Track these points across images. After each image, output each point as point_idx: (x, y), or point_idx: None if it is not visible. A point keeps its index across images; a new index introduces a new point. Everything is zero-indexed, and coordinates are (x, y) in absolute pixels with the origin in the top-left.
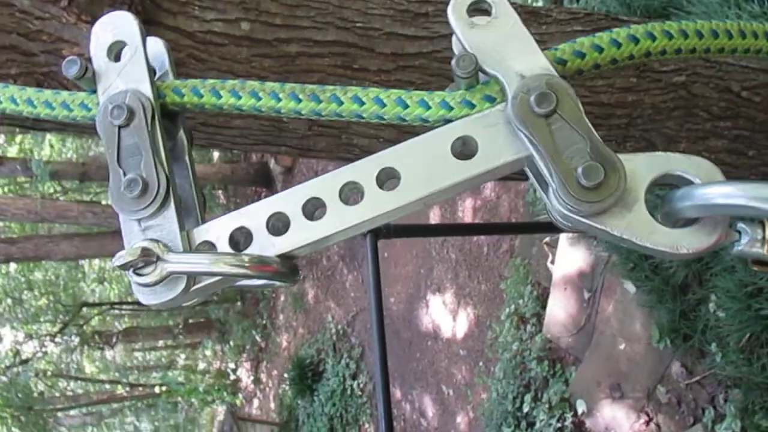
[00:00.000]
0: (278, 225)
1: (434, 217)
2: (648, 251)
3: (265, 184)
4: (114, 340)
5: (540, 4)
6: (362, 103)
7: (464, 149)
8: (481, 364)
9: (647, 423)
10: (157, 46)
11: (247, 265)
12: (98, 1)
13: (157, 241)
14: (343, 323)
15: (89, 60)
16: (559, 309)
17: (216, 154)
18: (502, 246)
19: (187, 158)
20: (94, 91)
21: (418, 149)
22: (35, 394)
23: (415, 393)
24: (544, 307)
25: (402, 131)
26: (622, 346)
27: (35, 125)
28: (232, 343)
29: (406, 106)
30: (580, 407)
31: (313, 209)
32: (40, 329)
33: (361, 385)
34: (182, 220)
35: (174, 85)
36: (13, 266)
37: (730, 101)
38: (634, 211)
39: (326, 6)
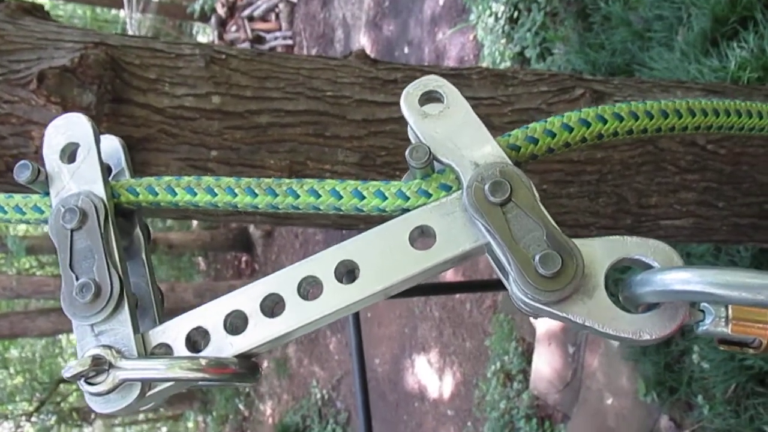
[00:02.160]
0: (236, 323)
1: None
2: (610, 338)
3: (244, 249)
4: (92, 416)
5: (508, 64)
6: (318, 196)
7: (422, 238)
8: (469, 424)
9: None
10: (113, 143)
11: (203, 368)
12: (67, 83)
13: (110, 347)
14: (328, 387)
15: (42, 163)
16: (545, 365)
17: (195, 222)
18: (485, 302)
19: (143, 255)
20: (48, 194)
21: (376, 240)
22: None
23: None
24: (529, 362)
25: None
26: (609, 401)
27: None
28: (214, 413)
29: (363, 198)
30: None
31: (272, 305)
32: (15, 409)
33: None
34: (137, 322)
35: (129, 184)
36: None
37: (696, 154)
38: (595, 297)
39: (296, 77)
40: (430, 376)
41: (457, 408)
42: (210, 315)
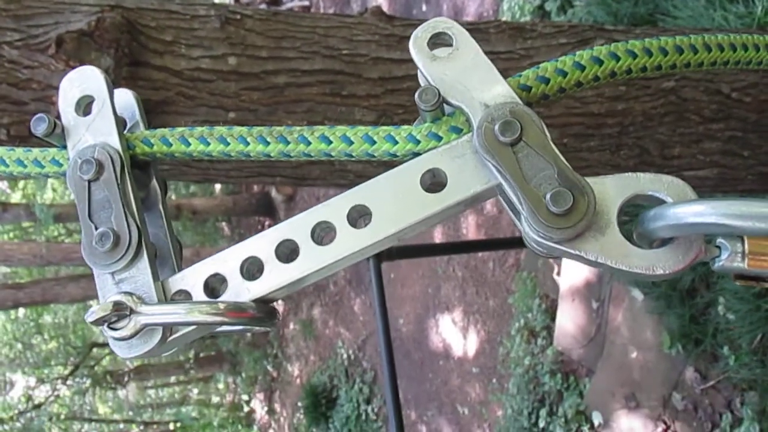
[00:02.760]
0: (252, 269)
1: (438, 236)
2: (624, 274)
3: (267, 213)
4: (126, 379)
5: (527, 18)
6: (329, 142)
7: (434, 182)
8: (494, 381)
9: (665, 431)
10: (126, 97)
11: (222, 312)
12: (85, 47)
13: (130, 293)
14: (354, 348)
15: (58, 116)
16: (569, 321)
17: (218, 187)
18: (507, 260)
19: (161, 207)
20: (65, 147)
21: (388, 185)
22: None
23: (430, 414)
24: (553, 319)
25: None
26: (634, 355)
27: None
28: (244, 374)
29: (373, 142)
30: (596, 419)
31: (287, 251)
32: (51, 373)
33: (376, 410)
34: (156, 270)
35: (143, 136)
36: (21, 311)
37: (721, 103)
38: (607, 234)
39: (311, 36)
40: (454, 334)
41: (481, 365)
42: (227, 262)
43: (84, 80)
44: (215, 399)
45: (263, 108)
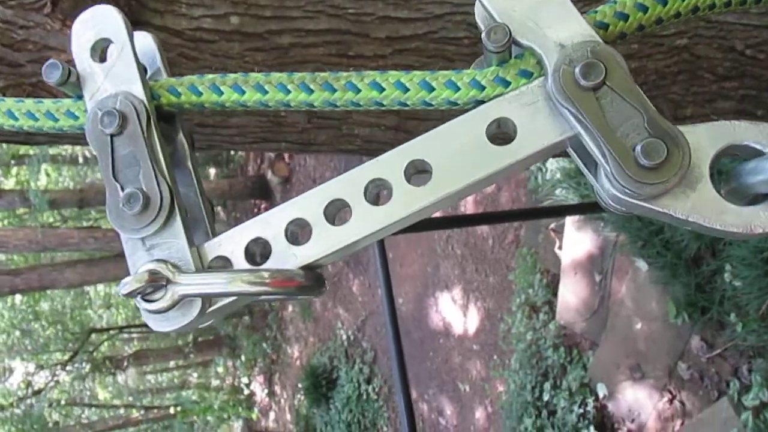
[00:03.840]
0: (299, 232)
1: (435, 213)
2: (717, 233)
3: (263, 196)
4: (125, 364)
5: None
6: (382, 89)
7: (500, 133)
8: (495, 357)
9: (671, 401)
10: (146, 41)
11: (267, 281)
12: (82, 4)
13: (165, 261)
14: (353, 328)
15: (72, 63)
16: (571, 294)
17: (213, 171)
18: (507, 237)
19: (189, 164)
20: (80, 97)
21: (449, 137)
22: (50, 425)
23: (431, 392)
24: (555, 294)
25: (403, 117)
26: (638, 326)
27: (28, 139)
28: (243, 357)
29: (432, 89)
30: (601, 391)
31: (337, 212)
32: (50, 359)
33: (377, 389)
34: (191, 234)
35: (169, 84)
36: (18, 298)
37: (735, 60)
38: (699, 189)
39: None
40: (454, 312)
41: (482, 342)
42: (270, 224)
43: (99, 21)
44: (215, 383)
45: (267, 69)
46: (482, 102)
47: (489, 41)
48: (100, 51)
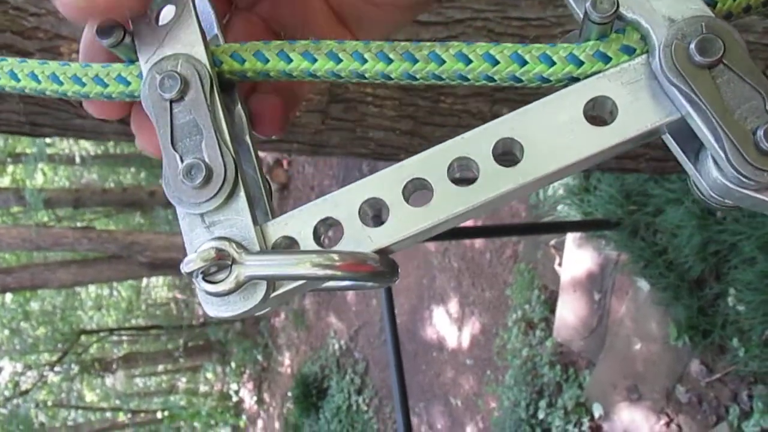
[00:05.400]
0: (373, 214)
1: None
2: None
3: None
4: (114, 366)
5: None
6: (469, 61)
7: (597, 113)
8: (489, 372)
9: (668, 424)
10: (202, 3)
11: (338, 264)
12: None
13: (228, 239)
14: (345, 338)
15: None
16: (569, 312)
17: None
18: (505, 252)
19: (247, 138)
20: (132, 61)
21: (543, 114)
22: (36, 426)
23: (423, 405)
24: (552, 311)
25: (419, 122)
26: (637, 347)
27: (33, 131)
28: (233, 364)
29: (524, 63)
30: (597, 411)
31: (418, 192)
32: (38, 359)
33: (367, 401)
34: (254, 212)
35: (232, 50)
36: (9, 297)
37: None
38: None
39: None
40: (448, 326)
41: (476, 357)
42: (342, 203)
43: None
44: (204, 388)
45: None
46: (577, 79)
47: (594, 11)
48: (157, 11)
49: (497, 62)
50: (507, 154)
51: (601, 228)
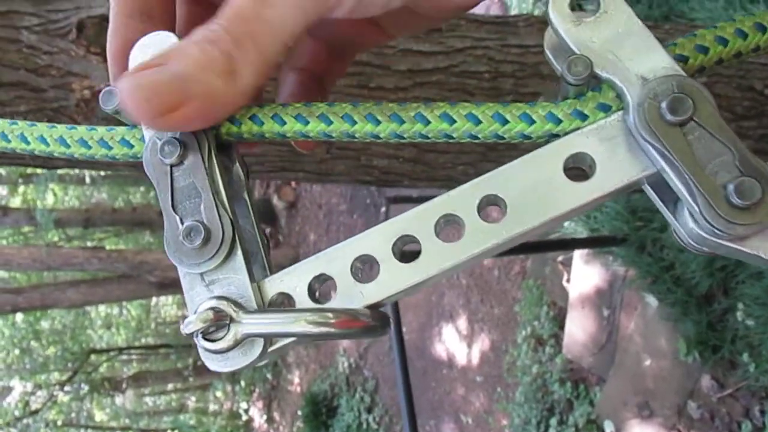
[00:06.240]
0: (365, 269)
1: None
2: None
3: (268, 220)
4: (123, 386)
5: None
6: (453, 122)
7: (576, 168)
8: (499, 389)
9: None
10: None
11: (332, 321)
12: (107, 32)
13: (226, 298)
14: (355, 356)
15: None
16: (578, 328)
17: None
18: (513, 269)
19: (245, 195)
20: (135, 126)
21: (524, 172)
22: None
23: (433, 423)
24: (561, 327)
25: (422, 149)
26: (647, 363)
27: (45, 163)
28: (242, 383)
29: (505, 122)
30: (608, 428)
31: (407, 248)
32: (48, 379)
33: (377, 419)
34: (252, 269)
35: None
36: (19, 316)
37: (754, 100)
38: None
39: None
40: (457, 343)
41: (486, 374)
42: (334, 260)
43: (158, 47)
44: (213, 407)
45: None
46: (557, 136)
47: (569, 73)
48: None
49: (480, 122)
50: (489, 208)
51: (608, 244)
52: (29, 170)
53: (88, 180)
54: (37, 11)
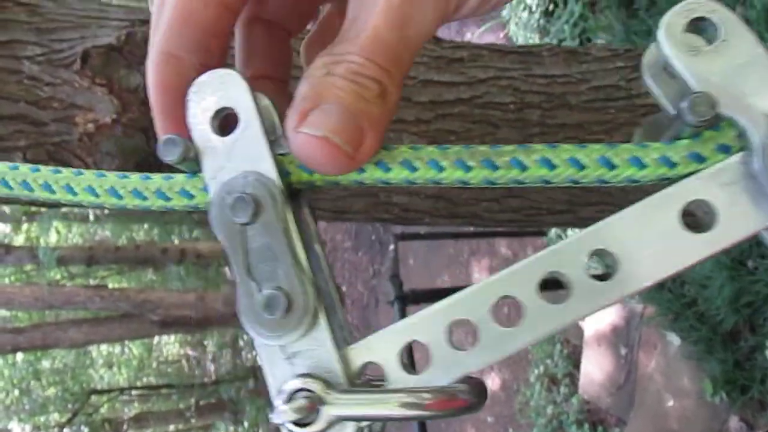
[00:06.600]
0: (461, 336)
1: (446, 280)
2: None
3: None
4: (124, 427)
5: (567, 43)
6: (553, 167)
7: (694, 218)
8: (511, 430)
9: None
10: (262, 104)
11: (429, 404)
12: (114, 63)
13: (313, 376)
14: None
15: (189, 138)
16: (595, 367)
17: None
18: None
19: (317, 246)
20: (195, 173)
21: (637, 223)
22: None
23: None
24: (576, 366)
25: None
26: (670, 403)
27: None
28: (246, 423)
29: (613, 167)
30: None
31: (507, 310)
32: (48, 420)
33: None
34: (336, 336)
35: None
36: (19, 356)
37: None
38: None
39: None
40: None
41: (497, 414)
42: (428, 326)
43: (221, 86)
44: None
45: None
46: (671, 180)
47: (693, 113)
48: (219, 121)
49: (584, 167)
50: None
51: None
52: (33, 208)
53: (91, 217)
54: (40, 40)
